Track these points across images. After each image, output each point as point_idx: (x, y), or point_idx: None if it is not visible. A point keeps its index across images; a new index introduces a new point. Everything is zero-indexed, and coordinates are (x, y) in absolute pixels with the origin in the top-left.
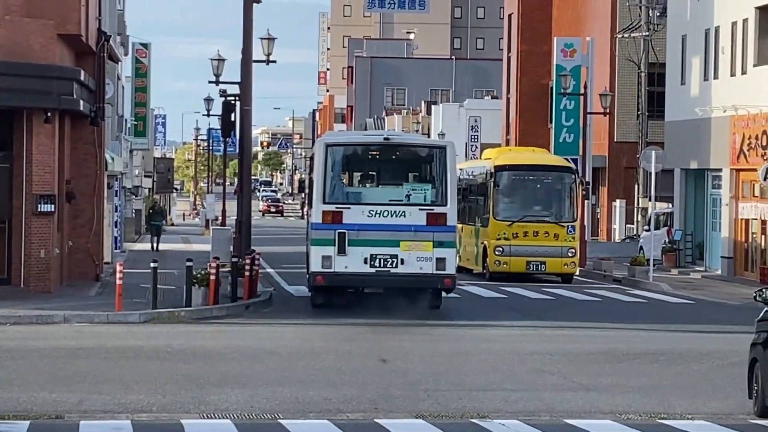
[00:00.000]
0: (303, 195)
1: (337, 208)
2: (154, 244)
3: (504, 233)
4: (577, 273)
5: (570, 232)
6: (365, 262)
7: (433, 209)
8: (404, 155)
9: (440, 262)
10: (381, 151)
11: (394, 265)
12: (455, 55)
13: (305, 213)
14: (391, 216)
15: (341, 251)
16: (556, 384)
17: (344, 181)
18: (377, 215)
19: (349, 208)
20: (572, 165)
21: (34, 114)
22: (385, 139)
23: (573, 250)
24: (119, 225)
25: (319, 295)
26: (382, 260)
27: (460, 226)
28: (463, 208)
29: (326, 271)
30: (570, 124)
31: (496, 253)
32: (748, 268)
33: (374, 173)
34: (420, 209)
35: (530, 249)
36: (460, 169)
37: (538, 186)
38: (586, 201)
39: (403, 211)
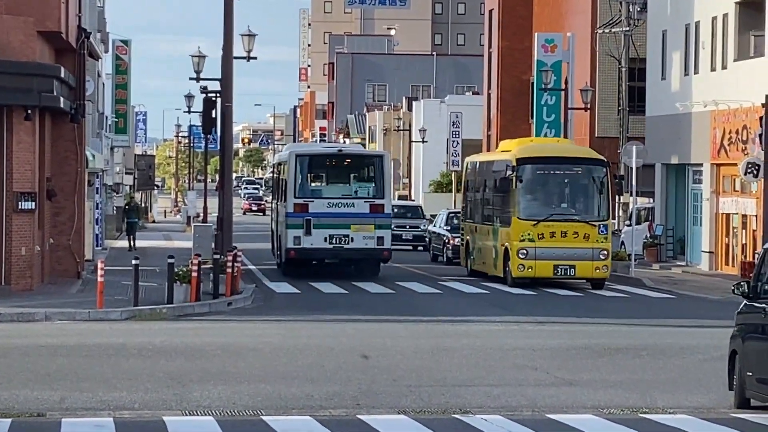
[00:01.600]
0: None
1: (304, 201)
2: (131, 242)
3: (528, 234)
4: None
5: (602, 232)
6: (325, 240)
7: (374, 201)
8: (353, 162)
9: (380, 239)
10: (336, 159)
11: (346, 243)
12: (436, 51)
13: (272, 206)
14: (344, 206)
15: (308, 233)
16: (539, 379)
17: (309, 181)
18: (334, 206)
19: (313, 201)
20: (602, 157)
21: (14, 111)
22: (339, 150)
23: (605, 253)
24: (100, 222)
25: (291, 266)
26: (337, 238)
27: (473, 225)
28: (476, 207)
29: (297, 247)
30: (551, 119)
31: (520, 256)
32: (729, 262)
33: (331, 175)
34: (365, 201)
35: (558, 252)
36: (472, 163)
37: (566, 181)
38: (619, 197)
39: (353, 203)
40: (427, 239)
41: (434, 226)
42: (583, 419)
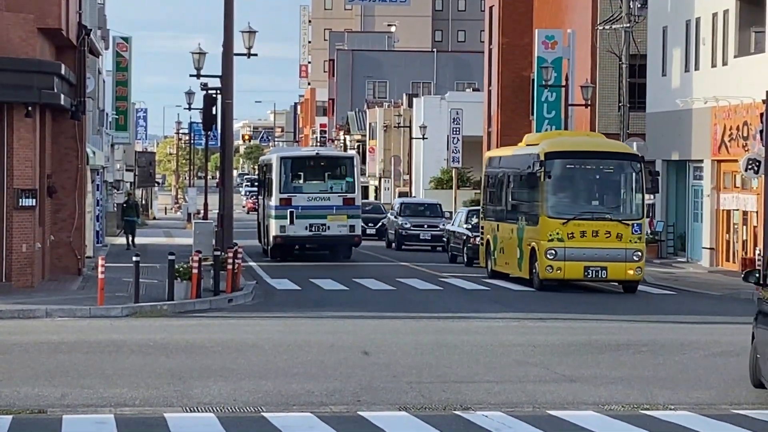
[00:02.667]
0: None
1: (288, 196)
2: (128, 241)
3: (557, 233)
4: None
5: (635, 231)
6: (306, 228)
7: (346, 195)
8: (327, 163)
9: (351, 227)
10: (314, 161)
11: (323, 230)
12: (436, 47)
13: (259, 202)
14: (321, 200)
15: (291, 222)
16: (539, 375)
17: (291, 179)
18: (312, 200)
19: (295, 195)
20: (636, 152)
21: (15, 108)
22: (316, 153)
23: (639, 253)
24: (101, 219)
25: (277, 251)
26: (316, 227)
27: (494, 224)
28: (498, 204)
29: (282, 234)
30: (551, 116)
31: (548, 256)
32: (730, 258)
33: (309, 174)
34: (338, 195)
35: (589, 252)
36: (493, 158)
37: (598, 177)
38: (654, 195)
39: (328, 197)
40: (445, 239)
41: (453, 224)
42: (583, 415)
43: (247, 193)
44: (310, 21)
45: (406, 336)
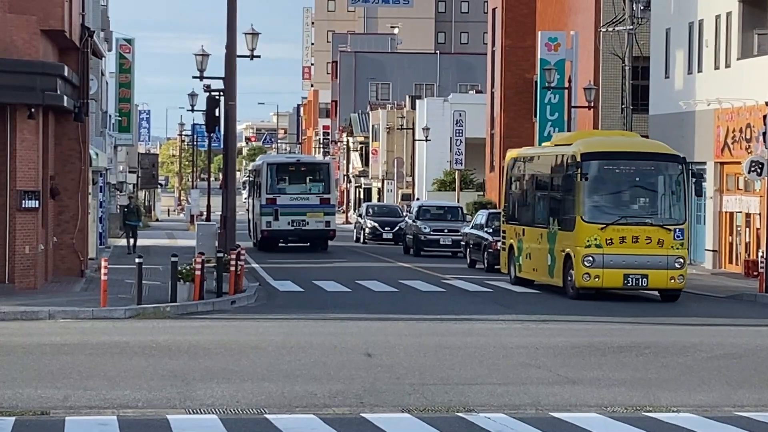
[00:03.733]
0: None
1: (273, 196)
2: (129, 245)
3: (595, 239)
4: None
5: (677, 237)
6: (288, 224)
7: (323, 195)
8: (307, 168)
9: (327, 223)
10: (295, 166)
11: (304, 225)
12: (439, 49)
13: (248, 201)
14: (302, 200)
15: (276, 218)
16: (542, 377)
17: (277, 182)
18: (294, 199)
19: (279, 196)
20: (678, 153)
21: (18, 110)
22: (297, 160)
23: (681, 260)
24: (104, 221)
25: (264, 242)
26: (297, 222)
27: (519, 228)
28: (524, 207)
29: (269, 229)
30: (554, 118)
31: (585, 264)
32: (733, 261)
33: (292, 178)
34: (316, 196)
35: (628, 259)
36: (518, 159)
37: (638, 179)
38: (698, 198)
39: (307, 197)
40: (463, 243)
41: (472, 228)
42: (586, 417)
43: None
44: (313, 23)
45: (409, 338)
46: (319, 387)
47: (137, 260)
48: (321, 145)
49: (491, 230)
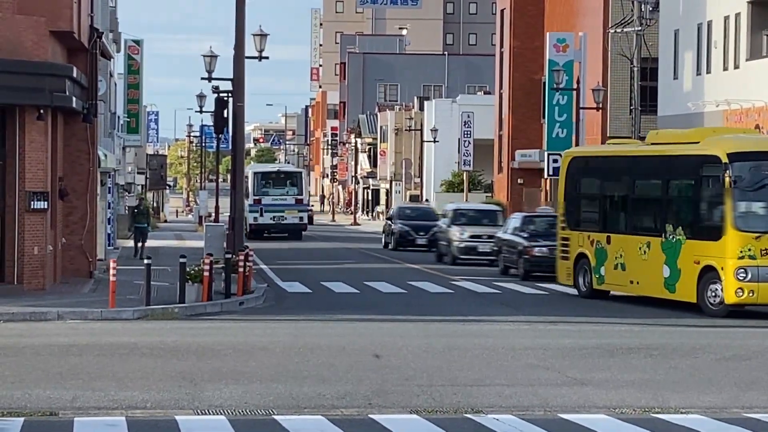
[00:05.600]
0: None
1: (259, 197)
2: (137, 249)
3: (749, 249)
4: None
5: None
6: (271, 219)
7: (297, 197)
8: (285, 175)
9: (301, 218)
10: (276, 174)
11: (282, 220)
12: (448, 50)
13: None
14: (281, 200)
15: (261, 215)
16: (550, 379)
17: (262, 186)
18: (275, 200)
19: (263, 197)
20: None
21: (27, 111)
22: (277, 169)
23: None
24: (112, 222)
25: (252, 235)
26: (277, 218)
27: (598, 235)
28: (607, 212)
29: (255, 223)
30: (563, 119)
31: (739, 277)
32: None
33: (274, 183)
34: (292, 197)
35: None
36: (590, 159)
37: None
38: None
39: (285, 198)
40: (496, 249)
41: (505, 232)
42: (595, 419)
43: None
44: (321, 24)
45: (417, 339)
46: (328, 388)
47: (146, 261)
48: (329, 147)
49: (527, 235)
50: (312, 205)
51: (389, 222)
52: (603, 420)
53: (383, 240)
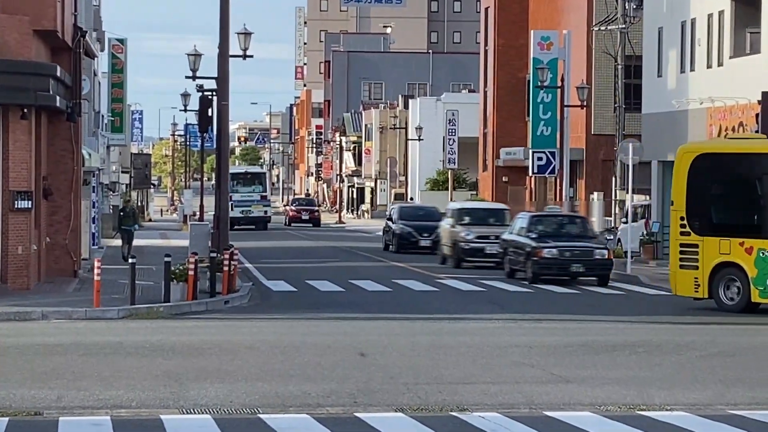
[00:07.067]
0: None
1: (230, 194)
2: (125, 253)
3: None
4: None
5: None
6: (240, 213)
7: (262, 194)
8: (252, 175)
9: (265, 212)
10: (244, 174)
11: (250, 214)
12: (432, 48)
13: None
14: (248, 197)
15: (232, 210)
16: (536, 376)
17: (233, 185)
18: (244, 196)
19: (234, 194)
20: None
21: (11, 110)
22: (245, 170)
23: None
24: (97, 221)
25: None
26: (245, 212)
27: (753, 242)
28: (751, 215)
29: (230, 216)
30: (547, 117)
31: None
32: None
33: (243, 182)
34: (257, 194)
35: None
36: (700, 157)
37: None
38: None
39: (252, 195)
40: (501, 250)
41: (511, 233)
42: (580, 416)
43: (292, 201)
44: (305, 22)
45: (403, 337)
46: (313, 386)
47: (130, 260)
48: (314, 145)
49: (535, 235)
50: (319, 205)
51: (389, 222)
52: (588, 417)
53: (383, 241)
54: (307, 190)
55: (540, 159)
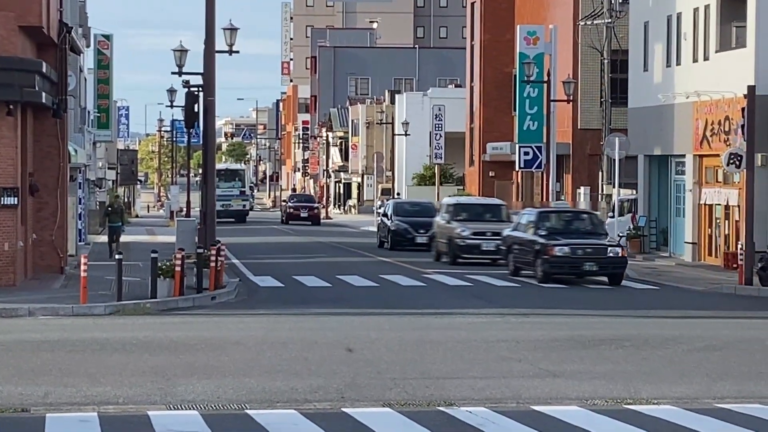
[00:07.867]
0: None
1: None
2: (111, 250)
3: None
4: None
5: None
6: (221, 206)
7: (241, 189)
8: (233, 172)
9: (244, 206)
10: (225, 171)
11: (230, 207)
12: (418, 43)
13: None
14: (229, 191)
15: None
16: (523, 371)
17: (216, 182)
18: (225, 191)
19: (216, 189)
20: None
21: None
22: (226, 167)
23: None
24: (83, 217)
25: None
26: (226, 205)
27: None
28: None
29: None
30: (534, 111)
31: None
32: (712, 253)
33: (225, 177)
34: (237, 189)
35: None
36: None
37: None
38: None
39: (232, 190)
40: (504, 248)
41: (514, 230)
42: (567, 410)
43: (290, 198)
44: (291, 18)
45: (390, 332)
46: (300, 382)
47: (117, 256)
48: (300, 141)
49: (545, 232)
50: (319, 203)
51: (384, 219)
52: (575, 411)
53: (378, 238)
54: (294, 185)
55: (526, 154)
